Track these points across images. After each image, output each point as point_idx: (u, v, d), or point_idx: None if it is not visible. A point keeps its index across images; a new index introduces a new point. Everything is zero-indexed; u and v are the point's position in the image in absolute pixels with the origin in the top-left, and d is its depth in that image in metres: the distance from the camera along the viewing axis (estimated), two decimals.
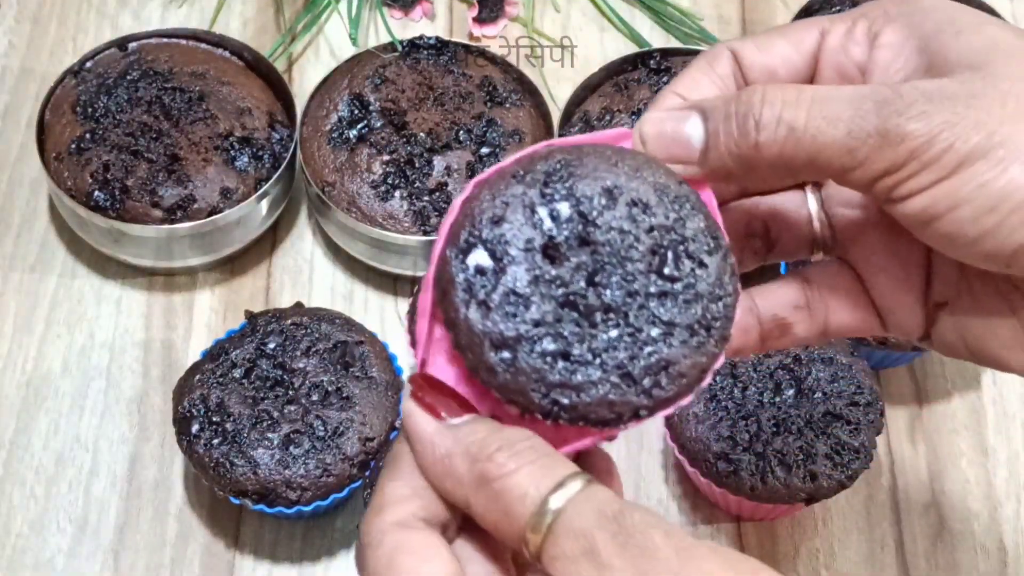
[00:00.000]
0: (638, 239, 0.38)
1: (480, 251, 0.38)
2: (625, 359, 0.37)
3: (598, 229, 0.38)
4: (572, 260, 0.38)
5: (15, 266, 0.85)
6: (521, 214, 0.38)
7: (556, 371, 0.37)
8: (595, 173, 0.39)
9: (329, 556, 0.75)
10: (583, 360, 0.37)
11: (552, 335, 0.38)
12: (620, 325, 0.38)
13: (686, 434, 0.72)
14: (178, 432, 0.72)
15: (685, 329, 0.38)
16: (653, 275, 0.38)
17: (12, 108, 0.91)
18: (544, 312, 0.38)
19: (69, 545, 0.75)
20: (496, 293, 0.38)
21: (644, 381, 0.38)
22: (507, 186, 0.39)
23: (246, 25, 0.96)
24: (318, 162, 0.83)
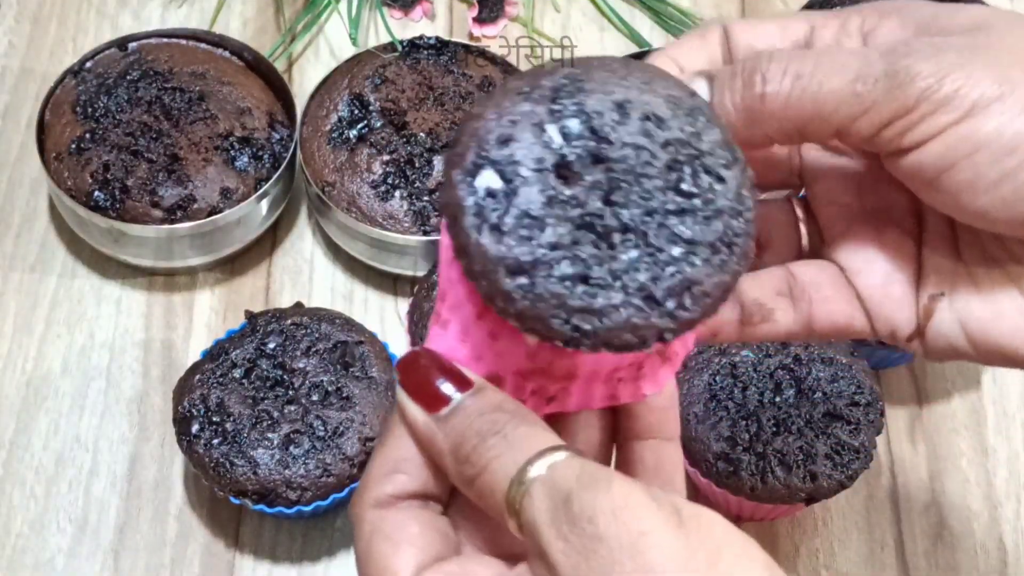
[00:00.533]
0: (654, 155, 0.36)
1: (489, 172, 0.36)
2: (647, 280, 0.35)
3: (611, 146, 0.36)
4: (586, 179, 0.36)
5: (15, 266, 0.85)
6: (530, 132, 0.36)
7: (576, 296, 0.35)
8: (604, 87, 0.37)
9: (329, 556, 0.75)
10: (603, 283, 0.35)
11: (570, 258, 0.35)
12: (640, 245, 0.36)
13: (686, 434, 0.72)
14: (178, 432, 0.72)
15: (707, 247, 0.36)
16: (671, 192, 0.36)
17: (12, 108, 0.91)
18: (560, 234, 0.35)
19: (69, 545, 0.75)
20: (509, 216, 0.36)
21: (668, 303, 0.36)
22: (513, 104, 0.37)
23: (246, 25, 0.96)
24: (318, 162, 0.83)
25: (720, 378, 0.72)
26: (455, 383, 0.38)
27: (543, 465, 0.35)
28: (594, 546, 0.33)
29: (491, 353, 0.38)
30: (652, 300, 0.36)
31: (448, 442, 0.37)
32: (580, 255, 0.35)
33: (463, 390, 0.38)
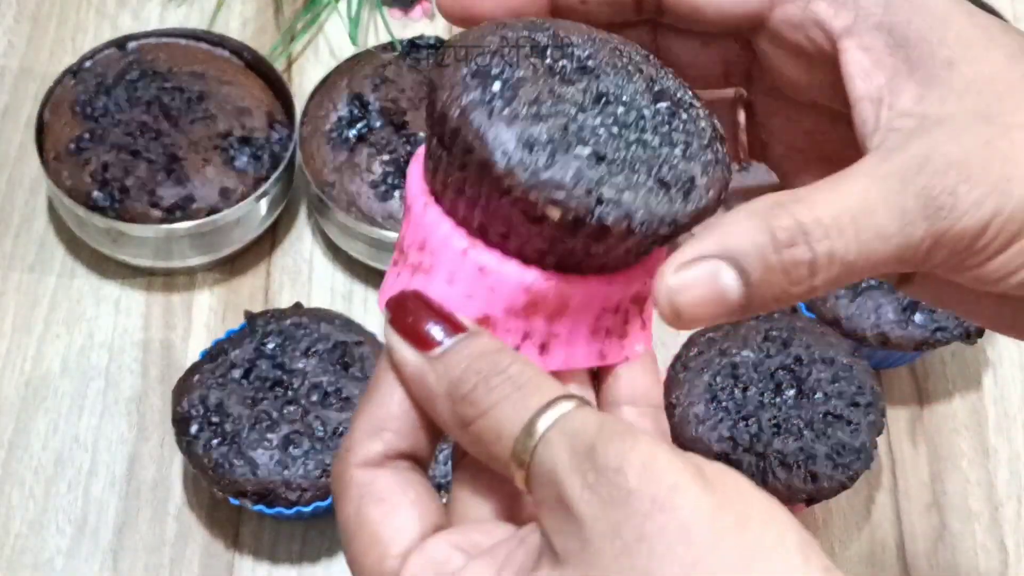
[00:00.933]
0: (631, 74, 0.37)
1: (487, 77, 0.36)
2: (657, 168, 0.36)
3: (592, 60, 0.37)
4: (579, 84, 0.36)
5: (14, 266, 0.84)
6: (516, 52, 0.37)
7: (597, 170, 0.35)
8: (570, 29, 0.38)
9: (329, 556, 0.75)
10: (621, 164, 0.35)
11: (583, 141, 0.35)
12: (640, 142, 0.36)
13: (686, 434, 0.72)
14: (177, 432, 0.72)
15: (701, 149, 0.37)
16: (656, 103, 0.37)
17: (11, 108, 0.91)
18: (569, 120, 0.36)
19: (68, 545, 0.75)
20: (518, 103, 0.35)
21: (679, 191, 0.36)
22: (492, 33, 0.38)
23: (246, 25, 0.95)
24: (318, 162, 0.83)
25: (720, 378, 0.72)
26: (450, 326, 0.36)
27: (556, 413, 0.34)
28: (624, 498, 0.32)
29: (482, 288, 0.37)
30: (666, 185, 0.36)
31: (444, 382, 0.35)
32: (594, 138, 0.35)
33: (457, 333, 0.36)
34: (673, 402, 0.73)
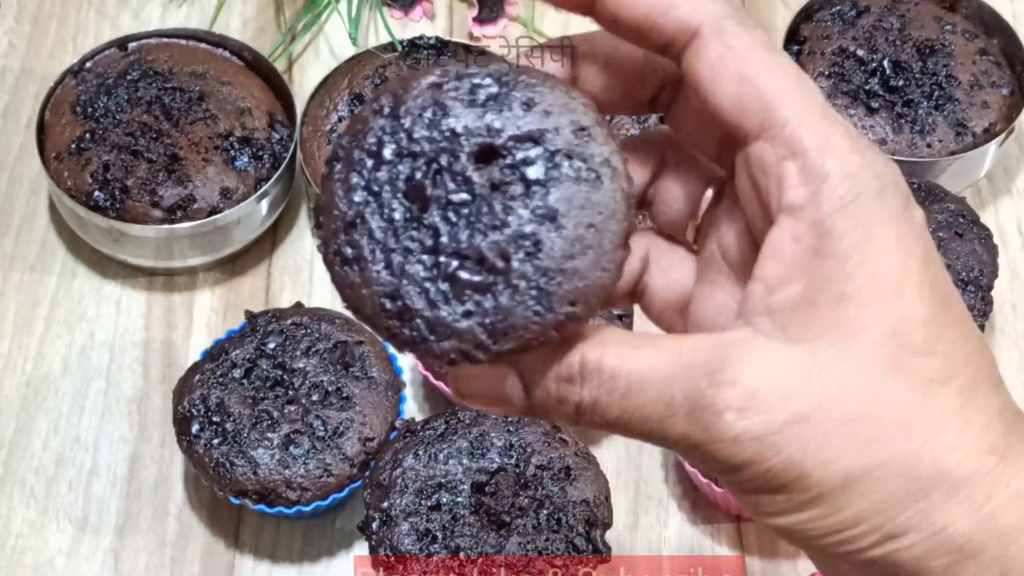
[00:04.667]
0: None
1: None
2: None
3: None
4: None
5: (15, 266, 0.85)
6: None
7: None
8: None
9: (329, 556, 0.75)
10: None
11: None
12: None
13: None
14: (178, 432, 0.72)
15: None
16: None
17: (12, 108, 0.91)
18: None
19: (69, 545, 0.75)
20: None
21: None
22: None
23: (246, 25, 0.96)
24: (318, 162, 0.83)
25: None
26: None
27: None
28: None
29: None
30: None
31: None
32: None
33: None
34: None
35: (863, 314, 0.35)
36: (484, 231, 0.35)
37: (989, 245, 0.78)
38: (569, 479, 0.67)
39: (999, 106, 0.86)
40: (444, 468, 0.68)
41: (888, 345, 0.35)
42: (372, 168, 0.36)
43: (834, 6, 0.90)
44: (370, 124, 0.37)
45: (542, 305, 0.35)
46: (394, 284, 0.36)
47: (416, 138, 0.36)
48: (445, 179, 0.36)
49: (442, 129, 0.36)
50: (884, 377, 0.35)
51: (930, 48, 0.87)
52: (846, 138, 0.36)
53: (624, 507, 0.76)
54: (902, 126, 0.85)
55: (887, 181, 0.36)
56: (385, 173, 0.36)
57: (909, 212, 0.36)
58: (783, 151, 0.36)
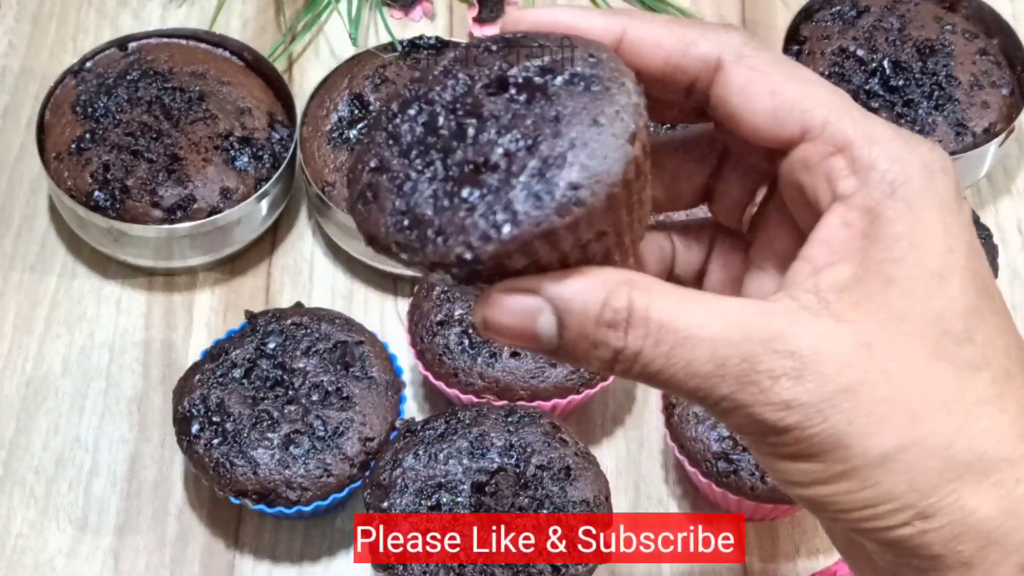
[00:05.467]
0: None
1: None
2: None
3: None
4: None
5: (15, 266, 0.85)
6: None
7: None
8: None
9: (329, 556, 0.75)
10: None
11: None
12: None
13: (686, 434, 0.72)
14: (178, 432, 0.72)
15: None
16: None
17: (12, 108, 0.91)
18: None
19: (69, 545, 0.75)
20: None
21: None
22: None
23: (246, 25, 0.96)
24: (318, 162, 0.83)
25: None
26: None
27: None
28: None
29: None
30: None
31: None
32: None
33: None
34: (673, 402, 0.73)
35: (908, 298, 0.36)
36: (491, 139, 0.36)
37: (989, 245, 0.78)
38: (569, 479, 0.67)
39: (999, 106, 0.86)
40: (444, 468, 0.68)
41: (931, 330, 0.36)
42: (395, 122, 0.38)
43: (834, 6, 0.90)
44: (400, 93, 0.39)
45: (542, 187, 0.35)
46: (407, 203, 0.36)
47: (436, 90, 0.38)
48: (458, 110, 0.37)
49: (460, 78, 0.38)
50: (927, 359, 0.36)
51: (930, 48, 0.87)
52: (888, 128, 0.37)
53: (624, 507, 0.76)
54: (902, 126, 0.84)
55: (935, 168, 0.37)
56: (407, 124, 0.38)
57: (958, 201, 0.37)
58: (827, 148, 0.37)
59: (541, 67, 0.37)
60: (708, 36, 0.38)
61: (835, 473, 0.36)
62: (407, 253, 0.36)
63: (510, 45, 0.38)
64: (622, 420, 0.80)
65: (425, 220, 0.36)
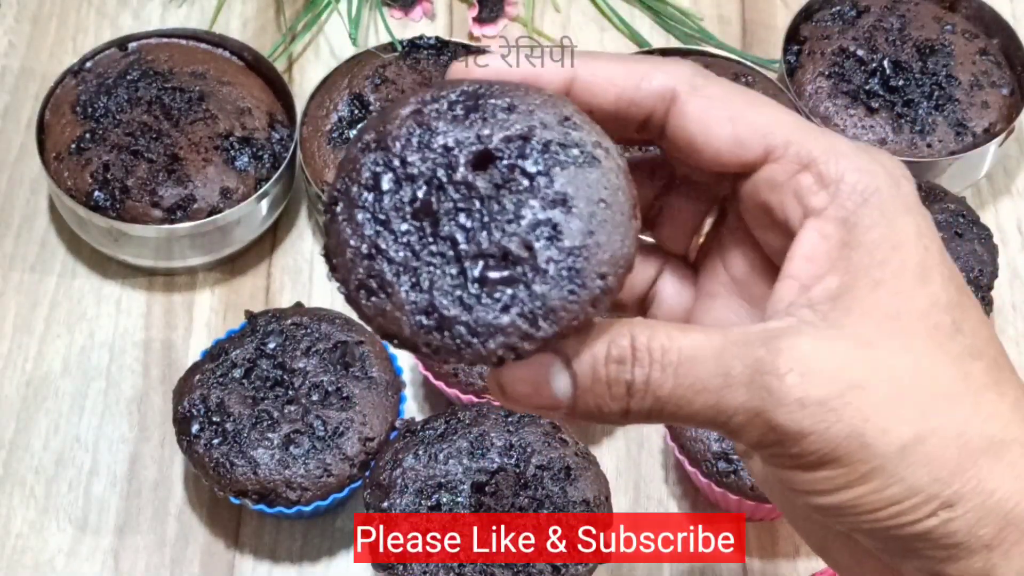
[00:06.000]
0: None
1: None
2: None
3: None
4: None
5: (15, 266, 0.85)
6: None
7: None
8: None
9: (329, 556, 0.75)
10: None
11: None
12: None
13: (686, 434, 0.72)
14: (178, 432, 0.72)
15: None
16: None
17: (12, 108, 0.91)
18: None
19: (69, 545, 0.75)
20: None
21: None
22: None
23: (246, 25, 0.96)
24: (318, 162, 0.83)
25: None
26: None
27: None
28: None
29: None
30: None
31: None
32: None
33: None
34: None
35: (897, 297, 0.37)
36: (501, 228, 0.36)
37: (989, 245, 0.78)
38: (569, 479, 0.67)
39: (999, 106, 0.86)
40: (444, 468, 0.68)
41: (923, 324, 0.37)
42: (375, 200, 0.37)
43: (834, 6, 0.90)
44: (361, 161, 0.37)
45: (575, 283, 0.36)
46: (426, 299, 0.36)
47: (410, 162, 0.37)
48: (449, 191, 0.36)
49: (433, 147, 0.37)
50: (927, 353, 0.37)
51: (930, 48, 0.87)
52: (848, 143, 0.39)
53: (624, 507, 0.76)
54: (902, 126, 0.85)
55: (898, 176, 0.38)
56: (389, 201, 0.37)
57: (920, 205, 0.38)
58: (792, 167, 0.38)
59: (520, 135, 0.37)
60: (660, 69, 0.39)
61: (859, 475, 0.36)
62: (441, 354, 0.36)
63: (474, 105, 0.37)
64: None
65: (454, 319, 0.36)
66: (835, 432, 0.35)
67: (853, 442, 0.35)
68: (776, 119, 0.39)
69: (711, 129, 0.39)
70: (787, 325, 0.37)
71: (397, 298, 0.36)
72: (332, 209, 0.37)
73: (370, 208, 0.37)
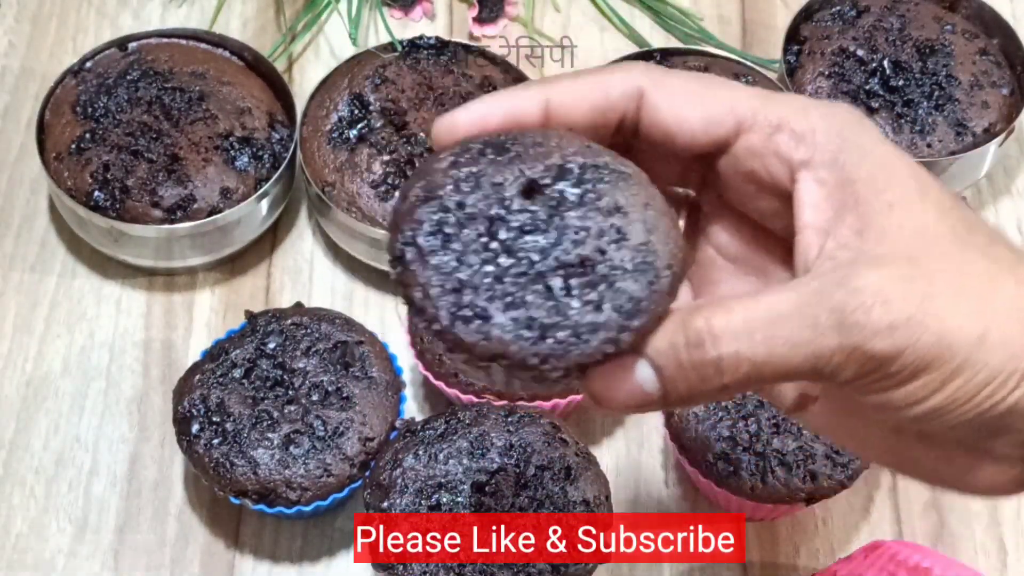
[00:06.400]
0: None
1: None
2: None
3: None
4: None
5: (15, 266, 0.85)
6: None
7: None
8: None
9: (329, 556, 0.75)
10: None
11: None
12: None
13: (686, 434, 0.72)
14: (178, 432, 0.72)
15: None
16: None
17: (12, 108, 0.91)
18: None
19: (69, 545, 0.75)
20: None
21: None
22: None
23: (246, 25, 0.96)
24: (318, 162, 0.83)
25: None
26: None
27: None
28: None
29: None
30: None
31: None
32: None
33: None
34: None
35: (912, 214, 0.40)
36: (571, 240, 0.39)
37: None
38: (569, 479, 0.67)
39: (999, 106, 0.86)
40: (444, 468, 0.68)
41: (942, 229, 0.40)
42: (443, 242, 0.39)
43: (834, 6, 0.90)
44: (418, 212, 0.40)
45: (650, 275, 0.39)
46: (524, 314, 0.39)
47: (466, 204, 0.40)
48: (509, 220, 0.39)
49: (482, 187, 0.40)
50: (959, 252, 0.40)
51: (930, 48, 0.87)
52: (806, 99, 0.42)
53: (624, 507, 0.76)
54: (902, 126, 0.85)
55: (858, 115, 0.42)
56: (456, 241, 0.39)
57: (884, 136, 0.42)
58: (766, 130, 0.41)
59: (557, 164, 0.40)
60: (619, 72, 0.42)
61: (949, 372, 0.39)
62: (550, 361, 0.38)
63: (503, 148, 0.41)
64: (622, 420, 0.80)
65: (556, 326, 0.38)
66: (924, 342, 0.38)
67: (940, 345, 0.38)
68: (737, 94, 0.42)
69: (682, 114, 0.42)
70: (844, 265, 0.39)
71: (496, 320, 0.38)
72: (403, 261, 0.40)
73: (441, 250, 0.39)
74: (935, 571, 0.64)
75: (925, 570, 0.65)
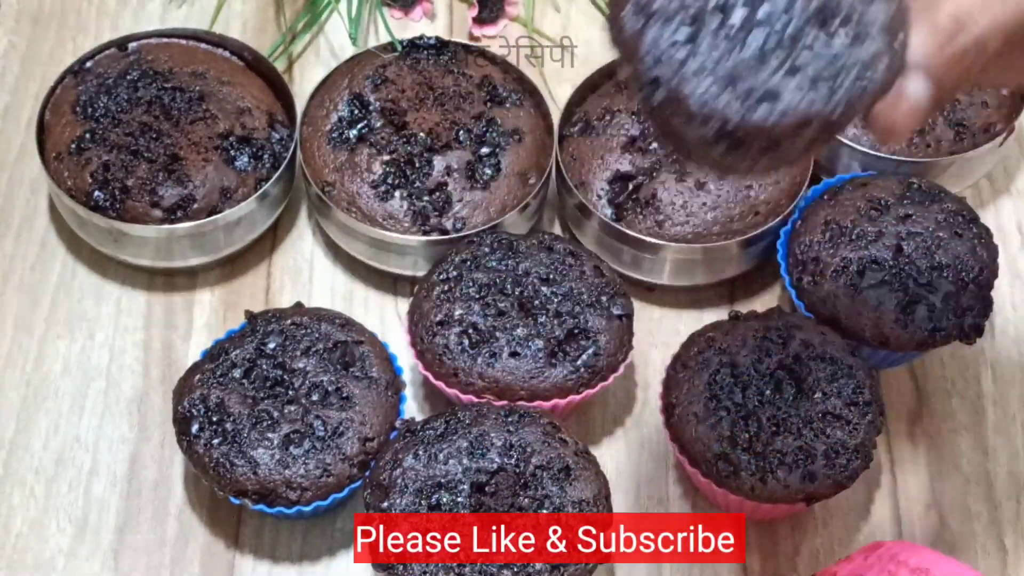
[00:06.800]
0: None
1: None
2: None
3: None
4: None
5: (15, 266, 0.85)
6: None
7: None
8: None
9: (329, 556, 0.75)
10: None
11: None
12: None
13: (686, 434, 0.72)
14: (178, 432, 0.72)
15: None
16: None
17: (12, 108, 0.91)
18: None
19: (69, 545, 0.75)
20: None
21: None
22: None
23: (246, 25, 0.96)
24: (318, 162, 0.83)
25: (720, 378, 0.72)
26: None
27: None
28: None
29: None
30: None
31: None
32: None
33: None
34: (673, 402, 0.73)
35: None
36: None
37: (989, 245, 0.78)
38: (569, 479, 0.67)
39: (999, 106, 0.86)
40: (444, 468, 0.68)
41: None
42: (691, 47, 0.43)
43: None
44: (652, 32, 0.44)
45: (885, 39, 0.43)
46: (807, 79, 0.42)
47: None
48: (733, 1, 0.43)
49: None
50: None
51: None
52: None
53: (624, 507, 0.76)
54: None
55: None
56: (707, 38, 0.42)
57: None
58: None
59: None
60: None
61: None
62: (854, 105, 0.43)
63: None
64: (622, 420, 0.80)
65: (842, 70, 0.42)
66: None
67: None
68: None
69: None
70: None
71: (785, 96, 0.42)
72: (663, 75, 0.42)
73: (697, 52, 0.42)
74: (935, 571, 0.64)
75: (925, 570, 0.64)
